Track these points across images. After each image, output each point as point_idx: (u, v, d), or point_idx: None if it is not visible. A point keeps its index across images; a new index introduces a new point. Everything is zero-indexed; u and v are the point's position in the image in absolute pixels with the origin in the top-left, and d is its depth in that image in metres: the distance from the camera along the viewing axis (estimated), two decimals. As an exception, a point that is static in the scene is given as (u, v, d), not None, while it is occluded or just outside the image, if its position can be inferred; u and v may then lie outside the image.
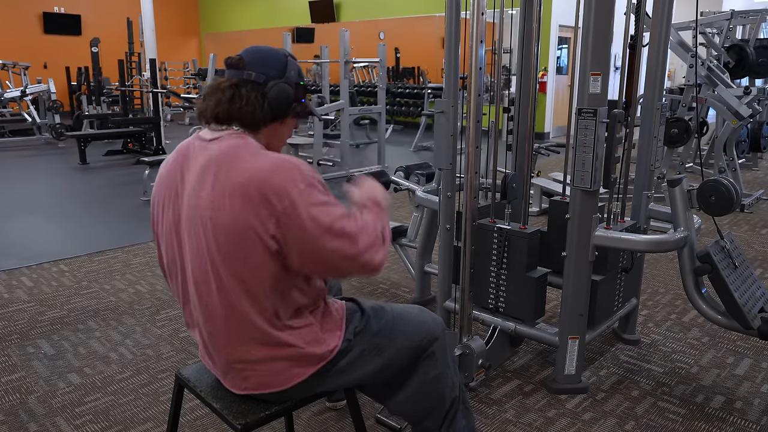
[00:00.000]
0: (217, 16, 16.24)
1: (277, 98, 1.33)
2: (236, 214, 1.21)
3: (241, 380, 1.38)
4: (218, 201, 1.23)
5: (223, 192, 1.23)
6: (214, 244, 1.25)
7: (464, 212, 2.26)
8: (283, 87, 1.34)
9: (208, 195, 1.25)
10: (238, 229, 1.22)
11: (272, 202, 1.21)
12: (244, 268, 1.25)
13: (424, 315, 1.57)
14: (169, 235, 1.37)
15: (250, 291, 1.27)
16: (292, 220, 1.22)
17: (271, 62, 1.35)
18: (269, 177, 1.22)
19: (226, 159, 1.26)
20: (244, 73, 1.32)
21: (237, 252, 1.24)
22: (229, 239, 1.23)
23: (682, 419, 2.10)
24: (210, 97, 1.34)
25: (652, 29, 2.36)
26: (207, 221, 1.24)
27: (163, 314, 2.99)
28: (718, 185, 2.05)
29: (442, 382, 1.55)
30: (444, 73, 2.40)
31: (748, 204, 5.09)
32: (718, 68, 5.33)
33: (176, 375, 1.55)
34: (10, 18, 13.11)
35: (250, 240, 1.22)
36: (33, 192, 5.95)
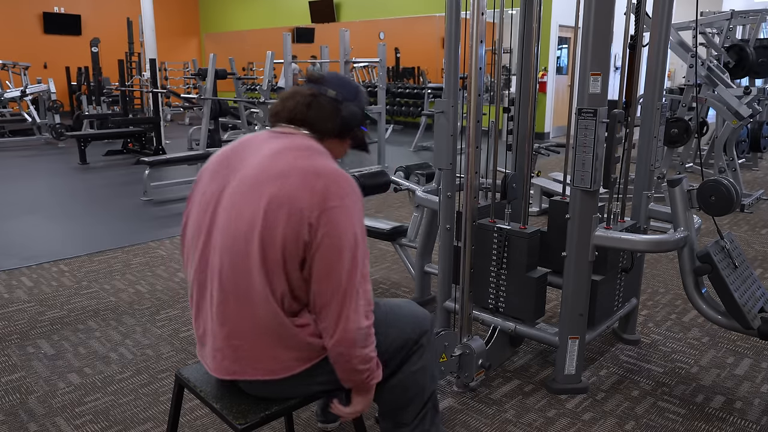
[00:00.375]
0: (217, 16, 16.24)
1: (348, 116, 1.48)
2: (294, 185, 1.30)
3: (230, 362, 1.37)
4: (282, 178, 1.31)
5: (284, 170, 1.32)
6: (260, 215, 1.29)
7: (464, 212, 2.26)
8: (354, 109, 1.49)
9: (277, 170, 1.33)
10: (286, 201, 1.29)
11: (327, 196, 1.30)
12: (273, 244, 1.29)
13: (415, 308, 1.62)
14: (205, 201, 1.41)
15: (271, 268, 1.30)
16: (335, 218, 1.29)
17: (348, 86, 1.51)
18: (333, 176, 1.33)
19: (299, 146, 1.39)
20: (322, 88, 1.47)
21: (273, 223, 1.29)
22: (273, 207, 1.29)
23: (682, 419, 2.10)
24: (288, 100, 1.46)
25: (652, 29, 2.36)
26: (266, 190, 1.31)
27: (163, 314, 2.99)
28: (718, 185, 2.05)
29: (425, 374, 1.60)
30: (444, 73, 2.40)
31: (748, 204, 5.09)
32: (718, 68, 5.33)
33: (176, 375, 1.56)
34: (10, 18, 13.11)
35: (293, 216, 1.28)
36: (33, 192, 5.95)
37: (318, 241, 1.29)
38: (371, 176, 3.18)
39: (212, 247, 1.38)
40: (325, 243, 1.29)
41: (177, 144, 9.00)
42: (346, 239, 1.30)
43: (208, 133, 6.93)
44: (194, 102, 9.83)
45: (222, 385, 1.47)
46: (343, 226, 1.30)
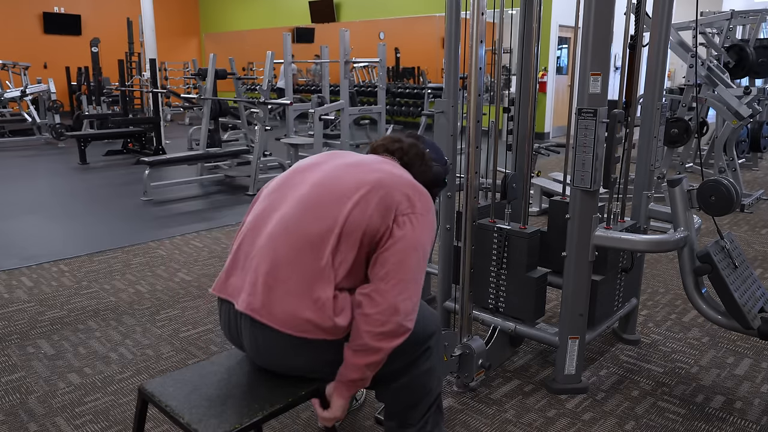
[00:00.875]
0: (217, 16, 16.24)
1: (437, 175, 1.70)
2: (395, 185, 1.48)
3: (258, 297, 1.41)
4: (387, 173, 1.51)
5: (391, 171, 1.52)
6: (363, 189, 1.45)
7: (464, 212, 2.26)
8: (440, 171, 1.72)
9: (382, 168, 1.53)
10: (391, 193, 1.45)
11: (415, 200, 1.47)
12: (361, 217, 1.41)
13: (425, 310, 1.62)
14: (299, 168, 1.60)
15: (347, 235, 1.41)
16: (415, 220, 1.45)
17: (439, 153, 1.76)
18: (420, 188, 1.53)
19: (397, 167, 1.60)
20: (421, 146, 1.69)
21: (372, 203, 1.43)
22: (375, 191, 1.44)
23: (682, 419, 2.10)
24: (395, 142, 1.68)
25: (652, 29, 2.36)
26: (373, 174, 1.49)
27: (163, 314, 2.99)
28: (718, 185, 2.05)
29: (432, 376, 1.60)
30: (444, 73, 2.40)
31: (748, 204, 5.09)
32: (718, 68, 5.32)
33: (139, 390, 1.49)
34: (10, 18, 13.11)
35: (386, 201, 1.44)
36: (33, 192, 5.95)
37: (402, 233, 1.42)
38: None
39: (294, 196, 1.49)
40: (408, 236, 1.42)
41: (177, 144, 9.00)
42: (423, 242, 1.45)
43: (208, 133, 6.93)
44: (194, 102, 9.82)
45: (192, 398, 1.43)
46: (423, 231, 1.46)
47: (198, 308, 3.06)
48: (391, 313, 1.37)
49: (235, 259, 1.52)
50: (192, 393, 1.46)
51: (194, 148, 8.01)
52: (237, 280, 1.49)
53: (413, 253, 1.43)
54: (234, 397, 1.45)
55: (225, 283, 1.52)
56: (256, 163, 5.96)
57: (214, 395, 1.46)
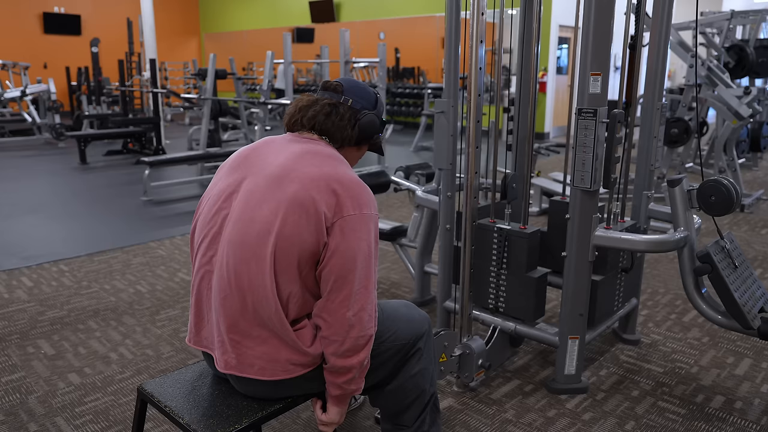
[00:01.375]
0: (217, 16, 16.24)
1: (367, 125, 1.51)
2: (312, 193, 1.32)
3: (231, 356, 1.37)
4: (306, 180, 1.34)
5: (306, 176, 1.35)
6: (281, 214, 1.31)
7: (464, 212, 2.26)
8: (373, 117, 1.52)
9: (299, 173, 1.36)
10: (306, 206, 1.31)
11: (346, 203, 1.33)
12: (290, 243, 1.31)
13: (412, 312, 1.60)
14: (219, 193, 1.43)
15: (282, 269, 1.32)
16: (351, 227, 1.33)
17: (366, 95, 1.54)
18: (354, 185, 1.37)
19: (321, 153, 1.42)
20: (341, 97, 1.49)
21: (293, 226, 1.31)
22: (293, 211, 1.31)
23: (682, 419, 2.10)
24: (307, 109, 1.49)
25: (652, 29, 2.36)
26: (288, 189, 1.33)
27: (163, 314, 2.99)
28: (718, 185, 2.05)
29: (425, 377, 1.59)
30: (444, 73, 2.40)
31: (748, 204, 5.09)
32: (718, 68, 5.33)
33: (138, 390, 1.51)
34: (10, 18, 13.11)
35: (311, 220, 1.31)
36: (33, 192, 5.95)
37: (334, 245, 1.32)
38: (371, 176, 3.18)
39: (223, 238, 1.38)
40: (340, 248, 1.32)
41: (177, 144, 9.01)
42: (359, 247, 1.33)
43: (208, 133, 6.93)
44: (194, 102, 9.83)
45: (191, 398, 1.44)
46: (358, 234, 1.34)
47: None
48: (346, 330, 1.33)
49: (198, 312, 1.46)
50: (191, 393, 1.47)
51: (194, 148, 8.01)
52: (207, 333, 1.45)
53: (351, 263, 1.32)
54: (233, 397, 1.45)
55: (197, 336, 1.47)
56: (256, 163, 5.95)
57: (214, 395, 1.46)
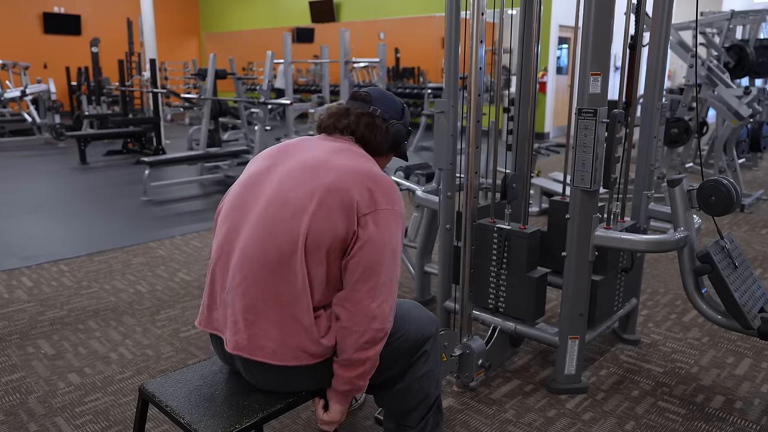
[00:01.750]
0: (217, 16, 16.24)
1: (397, 135, 1.58)
2: (348, 183, 1.37)
3: (244, 336, 1.37)
4: (341, 171, 1.39)
5: (347, 167, 1.41)
6: (316, 197, 1.35)
7: (464, 212, 2.26)
8: (401, 128, 1.59)
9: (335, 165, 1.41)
10: (341, 193, 1.36)
11: (379, 197, 1.38)
12: (323, 229, 1.34)
13: (421, 314, 1.60)
14: (251, 176, 1.48)
15: (313, 253, 1.34)
16: (383, 220, 1.37)
17: (394, 105, 1.60)
18: (387, 183, 1.42)
19: (357, 153, 1.48)
20: (371, 107, 1.55)
21: (327, 209, 1.34)
22: (329, 197, 1.35)
23: (682, 419, 2.10)
24: (341, 118, 1.54)
25: (652, 29, 2.36)
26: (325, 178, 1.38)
27: (163, 314, 2.99)
28: (718, 185, 2.05)
29: (430, 379, 1.59)
30: (444, 73, 2.40)
31: (748, 204, 5.09)
32: (718, 68, 5.33)
33: (140, 389, 1.51)
34: (10, 18, 13.11)
35: (344, 208, 1.35)
36: (33, 192, 5.95)
37: (366, 236, 1.35)
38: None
39: (250, 218, 1.40)
40: (373, 239, 1.35)
41: (177, 144, 9.00)
42: (390, 240, 1.37)
43: (208, 133, 6.93)
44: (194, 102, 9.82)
45: (193, 398, 1.43)
46: (390, 228, 1.38)
47: (198, 308, 3.05)
48: (368, 321, 1.34)
49: (212, 293, 1.48)
50: (192, 393, 1.47)
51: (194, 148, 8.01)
52: (219, 314, 1.45)
53: (381, 255, 1.36)
54: (234, 397, 1.45)
55: (209, 318, 1.48)
56: (256, 163, 5.95)
57: (215, 395, 1.46)
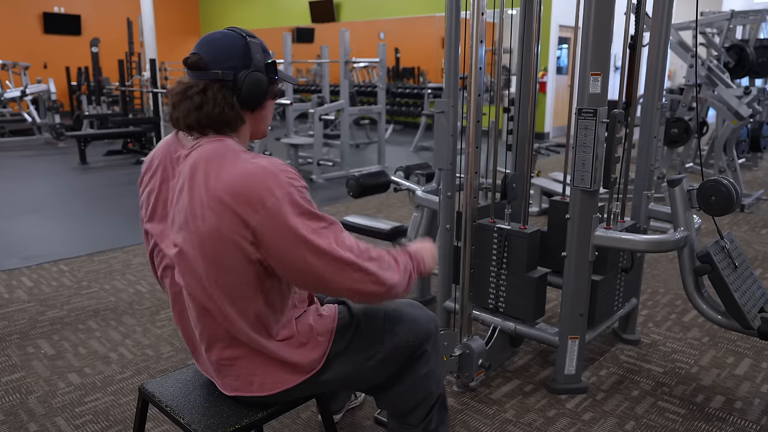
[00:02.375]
0: (217, 16, 16.24)
1: (251, 90, 1.25)
2: (214, 222, 1.18)
3: (231, 379, 1.36)
4: (197, 210, 1.19)
5: (201, 201, 1.19)
6: (198, 248, 1.21)
7: (464, 212, 2.26)
8: (253, 76, 1.25)
9: (188, 204, 1.21)
10: (217, 238, 1.18)
11: (246, 213, 1.16)
12: (225, 273, 1.22)
13: (417, 312, 1.55)
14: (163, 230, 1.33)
15: (233, 297, 1.24)
16: (269, 229, 1.17)
17: (233, 52, 1.25)
18: (243, 186, 1.16)
19: (202, 167, 1.21)
20: (209, 74, 1.23)
21: (217, 258, 1.20)
22: (209, 245, 1.20)
23: (682, 419, 2.10)
24: (179, 105, 1.25)
25: (652, 29, 2.36)
26: (191, 226, 1.21)
27: (163, 314, 2.99)
28: (718, 185, 2.05)
29: (431, 379, 1.56)
30: (444, 73, 2.40)
31: (748, 204, 5.09)
32: (718, 68, 5.33)
33: (140, 389, 1.51)
34: (10, 18, 13.11)
35: (229, 248, 1.19)
36: (33, 192, 5.95)
37: (274, 260, 1.20)
38: (371, 176, 3.17)
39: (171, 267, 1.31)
40: (281, 260, 1.20)
41: (177, 144, 8.99)
42: (296, 242, 1.17)
43: (208, 133, 6.92)
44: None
45: (191, 399, 1.43)
46: (280, 234, 1.17)
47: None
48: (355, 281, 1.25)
49: (189, 343, 1.44)
50: (192, 393, 1.47)
51: (194, 148, 7.99)
52: (203, 361, 1.43)
53: (302, 262, 1.19)
54: (234, 397, 1.45)
55: (199, 364, 1.47)
56: (256, 163, 5.94)
57: (215, 395, 1.46)
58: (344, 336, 1.42)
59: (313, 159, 6.52)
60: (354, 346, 1.43)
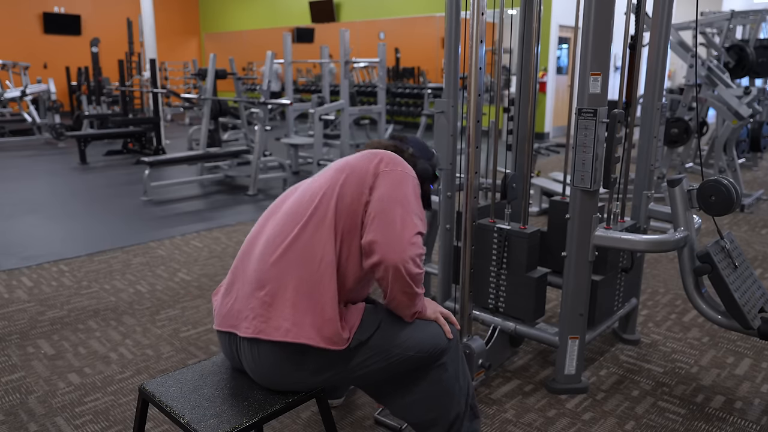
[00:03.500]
0: (217, 16, 16.24)
1: (420, 171, 1.68)
2: (357, 161, 1.55)
3: (262, 319, 1.41)
4: (349, 159, 1.58)
5: (360, 154, 1.60)
6: (332, 179, 1.51)
7: (464, 212, 2.26)
8: (427, 166, 1.72)
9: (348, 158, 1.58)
10: (356, 170, 1.51)
11: (383, 165, 1.52)
12: (345, 199, 1.47)
13: (437, 327, 1.57)
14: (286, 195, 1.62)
15: (339, 230, 1.45)
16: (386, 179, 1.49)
17: (425, 149, 1.78)
18: (392, 156, 1.56)
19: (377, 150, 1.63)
20: (405, 146, 1.72)
21: (350, 185, 1.49)
22: (342, 173, 1.51)
23: (682, 419, 2.10)
24: (372, 146, 1.69)
25: (652, 29, 2.36)
26: (335, 167, 1.56)
27: (163, 314, 2.99)
28: (718, 185, 2.05)
29: (448, 395, 1.56)
30: (444, 73, 2.40)
31: (748, 204, 5.09)
32: (718, 68, 5.33)
33: (140, 389, 1.51)
34: (10, 18, 13.11)
35: (358, 180, 1.49)
36: (33, 192, 5.95)
37: (375, 196, 1.46)
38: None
39: (280, 212, 1.54)
40: (379, 195, 1.46)
41: (177, 144, 9.00)
42: (394, 194, 1.46)
43: (208, 133, 6.93)
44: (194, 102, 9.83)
45: (192, 398, 1.43)
46: (393, 183, 1.48)
47: (198, 308, 3.06)
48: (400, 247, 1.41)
49: (230, 288, 1.53)
50: (192, 393, 1.47)
51: (194, 148, 8.01)
52: (234, 308, 1.48)
53: (390, 205, 1.45)
54: (234, 397, 1.45)
55: (224, 316, 1.50)
56: (256, 163, 5.96)
57: (215, 395, 1.46)
58: (368, 329, 1.47)
59: (313, 159, 6.52)
60: (374, 342, 1.47)
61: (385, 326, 1.49)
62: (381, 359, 1.47)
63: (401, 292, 1.44)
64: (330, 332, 1.39)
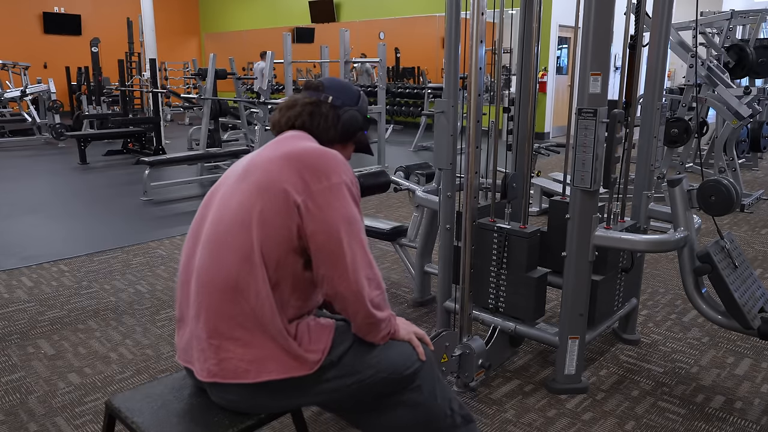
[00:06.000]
0: (217, 16, 16.24)
1: (349, 122, 1.50)
2: (276, 174, 1.31)
3: (214, 361, 1.31)
4: (266, 163, 1.35)
5: (271, 157, 1.36)
6: (249, 203, 1.31)
7: (464, 212, 2.26)
8: (355, 114, 1.51)
9: (262, 159, 1.37)
10: (275, 189, 1.30)
11: (314, 178, 1.31)
12: (273, 232, 1.29)
13: (403, 347, 1.45)
14: (204, 202, 1.48)
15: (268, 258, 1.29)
16: (320, 201, 1.30)
17: (347, 92, 1.53)
18: (319, 156, 1.35)
19: (286, 138, 1.44)
20: (322, 95, 1.49)
21: (269, 212, 1.29)
22: (260, 197, 1.30)
23: (682, 419, 2.10)
24: (289, 109, 1.49)
25: (652, 29, 2.36)
26: (251, 178, 1.34)
27: (163, 314, 2.99)
28: (718, 185, 2.05)
29: (430, 415, 1.44)
30: (444, 73, 2.40)
31: (748, 204, 5.09)
32: (718, 68, 5.32)
33: (106, 404, 1.43)
34: (10, 18, 13.11)
35: (282, 200, 1.29)
36: (33, 192, 5.95)
37: (311, 225, 1.29)
38: (371, 176, 3.17)
39: (203, 240, 1.38)
40: (318, 225, 1.29)
41: (177, 144, 9.00)
42: (335, 219, 1.30)
43: (208, 133, 6.93)
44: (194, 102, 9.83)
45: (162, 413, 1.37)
46: (331, 205, 1.30)
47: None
48: (357, 301, 1.32)
49: (180, 320, 1.43)
50: (161, 409, 1.40)
51: (194, 148, 8.01)
52: (189, 344, 1.40)
53: (336, 237, 1.29)
54: (204, 414, 1.38)
55: (182, 350, 1.43)
56: (256, 163, 5.95)
57: (184, 411, 1.39)
58: (339, 348, 1.38)
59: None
60: (346, 361, 1.38)
61: (357, 345, 1.41)
62: (353, 380, 1.38)
63: (364, 323, 1.36)
64: (291, 359, 1.32)
